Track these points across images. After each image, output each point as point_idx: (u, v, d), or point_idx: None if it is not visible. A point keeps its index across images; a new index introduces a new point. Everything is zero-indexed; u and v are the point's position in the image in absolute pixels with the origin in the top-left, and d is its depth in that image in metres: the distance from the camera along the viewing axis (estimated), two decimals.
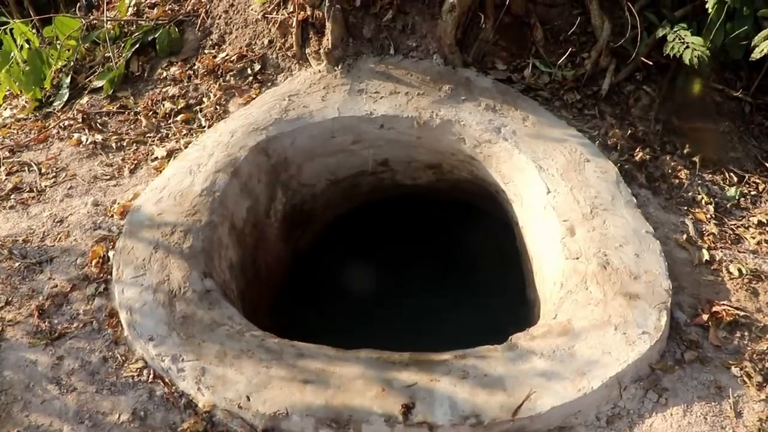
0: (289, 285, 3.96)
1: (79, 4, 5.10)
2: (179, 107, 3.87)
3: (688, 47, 3.45)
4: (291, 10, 3.89)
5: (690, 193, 3.34)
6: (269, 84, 3.89)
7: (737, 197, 3.34)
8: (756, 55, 3.36)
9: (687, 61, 3.43)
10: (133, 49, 4.23)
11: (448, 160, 3.74)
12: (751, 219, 3.23)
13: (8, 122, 4.07)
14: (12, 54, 4.04)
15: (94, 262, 2.93)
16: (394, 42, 3.82)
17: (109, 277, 2.86)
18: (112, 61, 4.18)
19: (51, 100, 4.19)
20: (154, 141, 3.69)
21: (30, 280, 2.88)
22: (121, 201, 3.25)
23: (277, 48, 3.97)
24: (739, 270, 2.90)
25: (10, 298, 2.78)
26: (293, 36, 3.87)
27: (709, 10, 3.48)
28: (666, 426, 2.33)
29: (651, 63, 3.75)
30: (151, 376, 2.50)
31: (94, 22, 4.50)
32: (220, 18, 4.21)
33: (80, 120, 3.88)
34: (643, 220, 3.01)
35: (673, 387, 2.44)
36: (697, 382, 2.46)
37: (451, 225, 4.56)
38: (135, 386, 2.48)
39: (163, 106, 3.88)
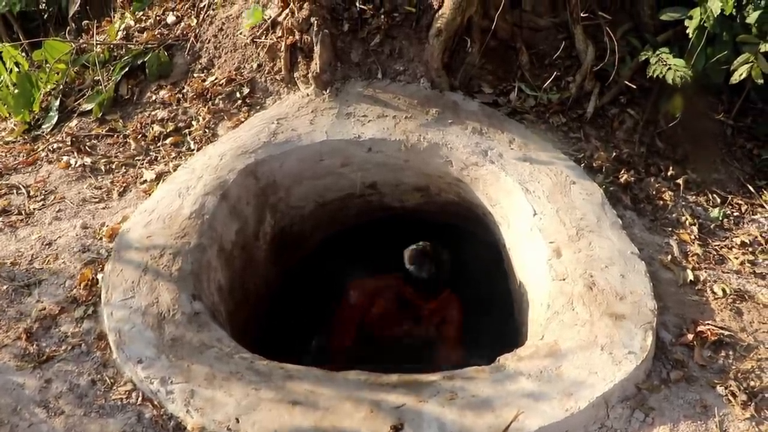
0: (278, 304, 3.96)
1: (68, 27, 5.14)
2: (168, 130, 3.89)
3: (670, 68, 3.52)
4: (280, 34, 3.93)
5: (674, 215, 3.38)
6: (258, 107, 3.92)
7: (720, 218, 3.38)
8: (735, 78, 3.43)
9: (670, 81, 3.50)
10: (123, 73, 4.26)
11: (436, 182, 3.77)
12: (734, 240, 3.27)
13: None
14: (1, 77, 4.05)
15: (82, 285, 2.93)
16: (381, 66, 3.86)
17: (97, 299, 2.85)
18: (101, 85, 4.20)
19: (40, 123, 4.20)
20: (143, 164, 3.70)
21: (18, 303, 2.87)
22: (110, 224, 3.26)
23: (266, 72, 4.01)
24: (723, 290, 2.94)
25: None
26: (282, 60, 3.91)
27: (690, 35, 3.55)
28: None
29: (635, 86, 3.81)
30: (140, 398, 2.49)
31: (84, 45, 4.52)
32: (209, 42, 4.25)
33: (69, 143, 3.88)
34: (628, 241, 3.05)
35: (659, 406, 2.46)
36: (683, 401, 2.48)
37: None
38: (123, 409, 2.47)
39: (152, 129, 3.90)
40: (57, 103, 4.26)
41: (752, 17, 3.39)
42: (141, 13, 4.68)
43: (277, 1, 3.96)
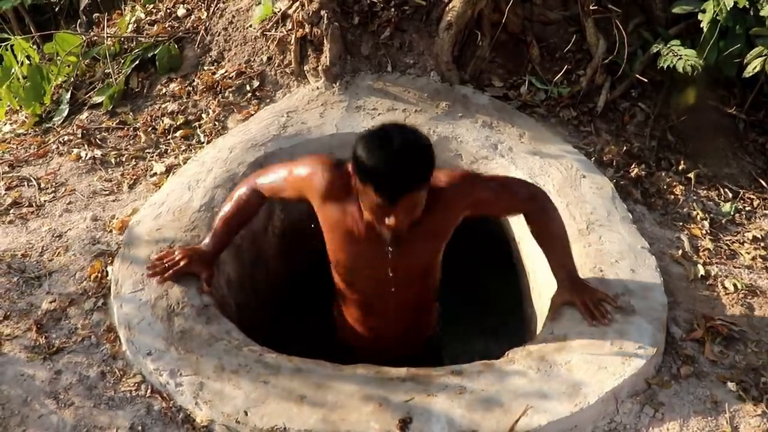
0: (287, 298, 3.96)
1: (79, 20, 5.15)
2: (178, 123, 3.89)
3: (681, 58, 3.50)
4: (290, 27, 3.93)
5: (685, 209, 3.36)
6: (268, 100, 3.92)
7: (732, 213, 3.36)
8: (748, 72, 3.41)
9: (681, 70, 3.47)
10: (133, 66, 4.26)
11: None
12: (746, 234, 3.25)
13: (8, 137, 4.08)
14: (12, 70, 4.07)
15: (92, 277, 2.94)
16: (391, 59, 3.85)
17: (107, 292, 2.86)
18: (111, 77, 4.20)
19: (51, 115, 4.21)
20: (153, 157, 3.70)
21: (28, 295, 2.88)
22: (120, 216, 3.27)
23: (276, 65, 4.01)
24: (735, 285, 2.92)
25: (8, 313, 2.78)
26: (292, 53, 3.91)
27: (703, 28, 3.53)
28: None
29: (646, 80, 3.79)
30: (149, 390, 2.50)
31: (95, 38, 4.53)
32: (219, 35, 4.24)
33: (80, 135, 3.89)
34: (638, 235, 3.03)
35: (669, 402, 2.45)
36: (693, 397, 2.47)
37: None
38: (133, 401, 2.47)
39: (162, 122, 3.91)
40: (68, 95, 4.26)
41: (766, 10, 3.36)
42: (151, 5, 4.68)
43: None
